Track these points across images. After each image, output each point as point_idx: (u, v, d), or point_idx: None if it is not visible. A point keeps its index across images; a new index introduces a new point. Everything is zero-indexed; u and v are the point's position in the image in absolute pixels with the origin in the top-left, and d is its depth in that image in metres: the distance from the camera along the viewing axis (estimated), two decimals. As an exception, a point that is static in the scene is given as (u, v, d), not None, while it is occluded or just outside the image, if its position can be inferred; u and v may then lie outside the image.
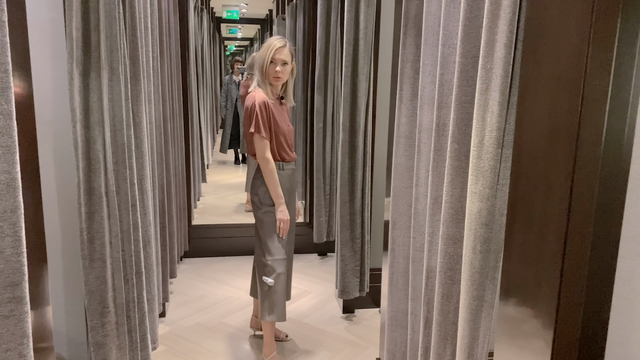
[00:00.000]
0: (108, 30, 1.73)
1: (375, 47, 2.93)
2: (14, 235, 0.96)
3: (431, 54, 1.69)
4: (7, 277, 0.96)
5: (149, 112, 2.51)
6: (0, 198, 0.94)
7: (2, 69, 0.91)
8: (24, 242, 0.97)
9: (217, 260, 4.15)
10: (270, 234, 2.49)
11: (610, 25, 0.91)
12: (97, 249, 1.80)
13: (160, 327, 2.97)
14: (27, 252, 1.14)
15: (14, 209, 0.95)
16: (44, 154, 1.96)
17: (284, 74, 2.48)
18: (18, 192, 0.96)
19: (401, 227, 1.99)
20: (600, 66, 0.93)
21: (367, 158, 2.96)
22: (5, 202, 0.94)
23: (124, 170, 1.87)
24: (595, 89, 0.93)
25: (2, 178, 0.93)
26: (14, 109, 0.93)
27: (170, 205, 3.22)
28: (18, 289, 0.98)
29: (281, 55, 2.45)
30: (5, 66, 0.91)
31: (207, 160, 7.21)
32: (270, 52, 2.44)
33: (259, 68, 2.49)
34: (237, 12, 10.78)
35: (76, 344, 2.12)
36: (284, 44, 2.47)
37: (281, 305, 2.51)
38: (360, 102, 2.88)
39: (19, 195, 0.96)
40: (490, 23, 1.25)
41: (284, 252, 2.50)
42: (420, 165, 1.80)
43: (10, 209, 0.95)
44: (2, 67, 0.91)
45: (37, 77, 1.90)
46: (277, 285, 2.45)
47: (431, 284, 1.67)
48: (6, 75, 0.91)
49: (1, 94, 0.91)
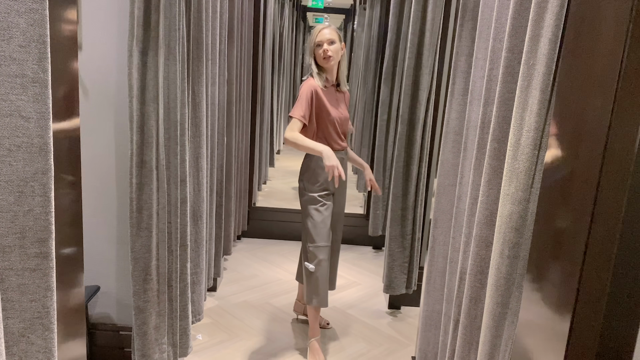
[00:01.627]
0: (168, 10, 1.81)
1: (443, 40, 2.84)
2: (44, 195, 1.04)
3: (484, 47, 1.62)
4: (35, 233, 1.04)
5: (212, 93, 2.59)
6: (33, 160, 1.01)
7: (41, 40, 0.98)
8: (52, 202, 1.05)
9: (273, 242, 4.24)
10: (312, 221, 2.49)
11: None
12: (144, 219, 1.90)
13: (210, 300, 3.09)
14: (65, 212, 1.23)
15: (45, 171, 1.03)
16: (106, 125, 2.10)
17: (333, 52, 2.44)
18: (50, 156, 1.03)
19: (442, 226, 1.93)
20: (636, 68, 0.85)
21: (424, 153, 2.89)
22: (37, 165, 1.02)
23: (175, 147, 1.96)
24: (629, 93, 0.86)
25: (35, 142, 1.01)
26: (50, 77, 1.00)
27: (230, 185, 3.32)
28: (45, 245, 1.06)
29: (327, 36, 2.43)
30: (43, 38, 0.98)
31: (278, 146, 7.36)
32: (315, 36, 2.45)
33: (310, 56, 2.51)
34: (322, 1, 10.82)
35: (124, 305, 2.26)
36: (326, 25, 2.49)
37: (322, 291, 2.52)
38: (422, 95, 2.81)
39: (50, 159, 1.03)
40: (537, 16, 1.17)
41: (326, 239, 2.50)
42: (465, 163, 1.74)
43: (41, 170, 1.03)
44: (40, 39, 0.98)
45: (103, 53, 2.02)
46: (317, 271, 2.47)
47: (463, 286, 1.62)
48: (44, 46, 0.98)
49: (38, 64, 0.98)
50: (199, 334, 2.70)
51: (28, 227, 1.04)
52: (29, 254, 1.05)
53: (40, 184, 1.03)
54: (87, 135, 2.07)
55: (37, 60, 0.98)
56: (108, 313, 2.27)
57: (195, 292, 2.45)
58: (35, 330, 1.09)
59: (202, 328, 2.76)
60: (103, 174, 2.14)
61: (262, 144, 5.07)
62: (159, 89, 1.84)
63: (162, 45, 1.83)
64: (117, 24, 2.00)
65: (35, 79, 0.99)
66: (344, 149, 2.60)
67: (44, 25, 0.98)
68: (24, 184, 1.01)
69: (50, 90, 1.01)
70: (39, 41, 0.98)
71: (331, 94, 2.51)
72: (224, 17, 2.79)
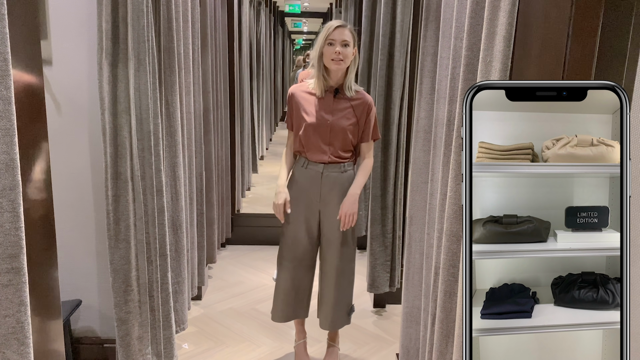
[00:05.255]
0: (136, 22, 1.82)
1: (413, 40, 2.88)
2: (13, 211, 1.05)
3: (447, 47, 1.65)
4: (6, 249, 1.05)
5: (187, 102, 2.60)
6: (0, 177, 1.02)
7: (2, 58, 0.99)
8: (22, 217, 1.06)
9: (258, 248, 4.25)
10: (282, 233, 2.37)
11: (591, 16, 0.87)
12: (122, 231, 1.91)
13: (195, 309, 3.09)
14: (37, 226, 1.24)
15: (12, 187, 1.04)
16: (80, 138, 2.10)
17: (345, 56, 2.15)
18: (17, 172, 1.04)
19: (417, 223, 1.97)
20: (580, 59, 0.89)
21: (400, 153, 2.93)
22: (5, 181, 1.03)
23: (149, 157, 1.97)
24: (575, 84, 0.89)
25: (1, 158, 1.02)
26: (13, 94, 1.01)
27: (211, 193, 3.33)
28: (16, 260, 1.07)
29: (341, 35, 2.14)
30: (4, 55, 1.00)
31: (261, 152, 7.37)
32: (327, 33, 2.16)
33: (316, 51, 2.20)
34: (298, 6, 10.86)
35: (107, 318, 2.26)
36: (343, 23, 2.17)
37: (278, 304, 2.43)
38: (395, 95, 2.86)
39: (17, 175, 1.04)
40: (491, 15, 1.21)
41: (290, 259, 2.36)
42: (435, 160, 1.77)
43: (9, 186, 1.04)
44: (1, 56, 0.99)
45: (74, 67, 2.03)
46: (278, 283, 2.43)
47: (437, 281, 1.65)
48: (5, 64, 1.00)
49: (0, 81, 1.00)
50: (185, 343, 2.70)
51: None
52: (0, 269, 1.06)
53: (9, 200, 1.04)
54: (61, 150, 2.07)
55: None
56: (91, 326, 2.26)
57: (178, 301, 2.46)
58: (10, 345, 1.09)
59: (187, 337, 2.76)
60: (79, 187, 2.14)
61: (243, 150, 5.07)
62: (130, 101, 1.86)
63: (131, 57, 1.84)
64: (87, 37, 2.01)
65: (-2, 96, 1.00)
66: (329, 163, 2.27)
67: (4, 43, 0.99)
68: (-8, 201, 1.02)
69: (14, 106, 1.03)
70: (0, 59, 0.99)
71: (325, 100, 2.25)
72: (196, 25, 2.81)
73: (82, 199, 2.15)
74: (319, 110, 2.25)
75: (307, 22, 14.33)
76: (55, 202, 1.31)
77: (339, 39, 2.14)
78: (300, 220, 2.33)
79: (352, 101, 2.26)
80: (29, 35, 1.15)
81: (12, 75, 1.01)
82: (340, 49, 2.14)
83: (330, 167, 2.28)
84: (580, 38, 0.88)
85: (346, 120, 2.25)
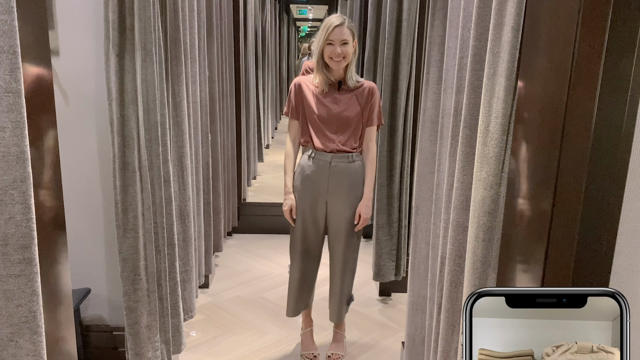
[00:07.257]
0: (142, 13, 1.82)
1: (420, 28, 2.86)
2: (24, 202, 1.06)
3: (455, 36, 1.65)
4: (18, 240, 1.07)
5: (193, 92, 2.60)
6: (10, 169, 1.03)
7: (12, 51, 1.00)
8: (33, 209, 1.07)
9: (264, 237, 4.28)
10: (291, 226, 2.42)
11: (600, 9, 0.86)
12: (130, 220, 1.92)
13: (202, 297, 3.12)
14: (48, 217, 1.25)
15: (23, 179, 1.05)
16: (87, 129, 2.11)
17: (345, 55, 2.21)
18: (27, 164, 1.05)
19: (423, 213, 1.97)
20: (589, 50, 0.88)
21: (406, 142, 2.93)
22: (16, 173, 1.04)
23: (156, 147, 1.97)
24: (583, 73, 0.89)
25: (12, 150, 1.03)
26: (23, 87, 1.02)
27: (217, 182, 3.35)
28: (28, 251, 1.08)
29: (340, 35, 2.19)
30: (14, 48, 1.00)
31: (266, 141, 7.37)
32: (326, 33, 2.20)
33: (317, 48, 2.27)
34: (304, -7, 10.81)
35: (115, 306, 2.29)
36: (341, 21, 2.21)
37: (290, 299, 2.49)
38: (402, 84, 2.85)
39: (28, 167, 1.05)
40: (499, 5, 1.20)
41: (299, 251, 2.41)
42: (442, 151, 1.77)
43: (20, 178, 1.05)
44: (11, 50, 1.00)
45: (81, 58, 2.03)
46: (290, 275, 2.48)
47: (444, 271, 1.66)
48: (15, 57, 1.00)
49: (10, 74, 1.00)
50: (193, 331, 2.73)
51: (10, 234, 1.06)
52: (12, 260, 1.07)
53: (20, 191, 1.05)
54: (69, 141, 2.09)
55: (9, 71, 1.00)
56: (100, 314, 2.29)
57: (186, 289, 2.48)
58: (23, 334, 1.11)
59: (195, 325, 2.79)
60: (88, 177, 2.15)
61: (249, 139, 5.08)
62: (137, 91, 1.86)
63: (138, 48, 1.84)
64: (94, 28, 2.01)
65: (8, 89, 1.01)
66: (337, 152, 2.31)
67: (13, 36, 1.00)
68: (4, 193, 1.03)
69: (24, 99, 1.03)
70: (10, 52, 1.00)
71: (330, 92, 2.31)
72: (202, 15, 2.80)
73: (91, 190, 2.16)
74: (325, 102, 2.31)
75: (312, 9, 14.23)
76: (64, 192, 1.33)
77: (338, 39, 2.20)
78: (307, 212, 2.37)
79: (355, 90, 2.32)
80: (38, 28, 1.15)
81: (21, 68, 1.02)
82: (340, 49, 2.21)
83: (338, 156, 2.32)
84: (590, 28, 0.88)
85: (352, 109, 2.31)
